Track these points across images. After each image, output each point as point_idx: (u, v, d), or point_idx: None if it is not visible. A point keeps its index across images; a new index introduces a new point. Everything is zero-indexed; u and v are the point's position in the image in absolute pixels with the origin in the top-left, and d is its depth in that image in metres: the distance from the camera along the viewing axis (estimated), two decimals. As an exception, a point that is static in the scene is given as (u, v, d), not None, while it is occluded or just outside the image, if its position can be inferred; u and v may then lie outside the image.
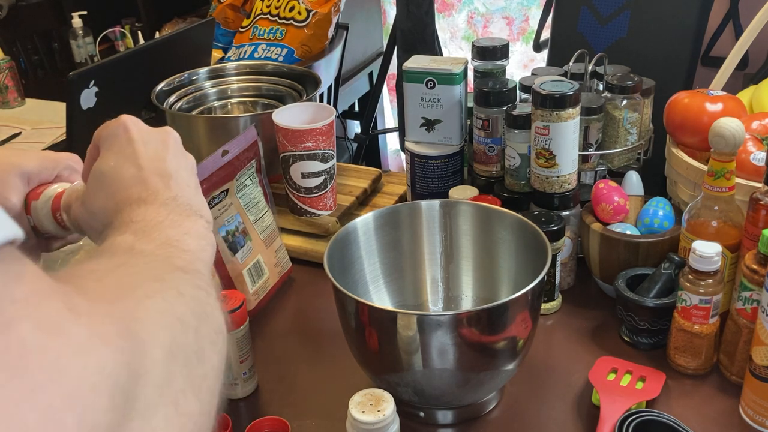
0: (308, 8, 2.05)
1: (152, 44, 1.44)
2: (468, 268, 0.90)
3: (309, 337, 0.96)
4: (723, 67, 1.05)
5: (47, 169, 0.64)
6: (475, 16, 2.83)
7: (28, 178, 0.64)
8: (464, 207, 0.89)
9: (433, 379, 0.74)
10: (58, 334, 0.27)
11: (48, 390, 0.25)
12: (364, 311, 0.74)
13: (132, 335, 0.32)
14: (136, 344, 0.31)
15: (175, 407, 0.33)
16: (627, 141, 1.00)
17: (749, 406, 0.76)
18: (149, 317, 0.34)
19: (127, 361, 0.30)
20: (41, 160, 0.64)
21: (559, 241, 0.91)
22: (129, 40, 2.52)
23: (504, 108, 1.00)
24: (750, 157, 0.89)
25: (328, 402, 0.83)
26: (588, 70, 1.04)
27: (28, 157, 0.64)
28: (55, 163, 0.65)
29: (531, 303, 0.73)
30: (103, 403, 0.28)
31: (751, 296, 0.76)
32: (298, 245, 1.09)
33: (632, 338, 0.89)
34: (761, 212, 0.78)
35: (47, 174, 0.64)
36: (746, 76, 1.74)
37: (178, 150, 0.57)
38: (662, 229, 0.92)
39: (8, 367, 0.24)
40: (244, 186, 0.97)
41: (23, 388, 0.24)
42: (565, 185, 0.94)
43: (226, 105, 1.36)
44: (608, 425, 0.74)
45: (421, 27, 1.93)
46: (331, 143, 1.08)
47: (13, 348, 0.25)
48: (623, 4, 1.65)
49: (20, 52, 2.52)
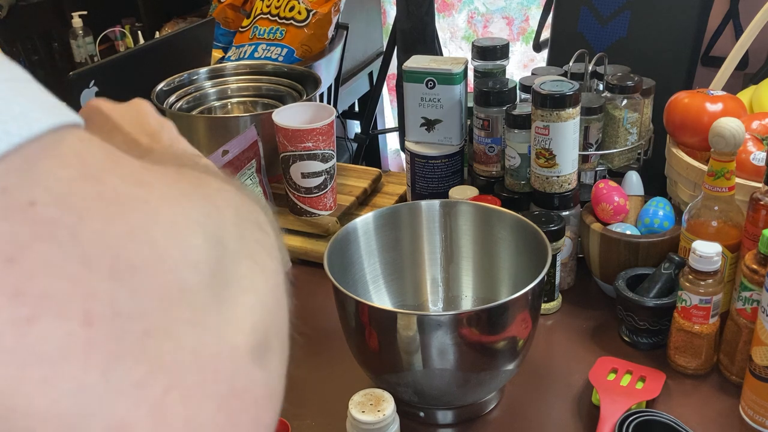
0: (308, 8, 2.05)
1: (152, 44, 1.44)
2: (468, 268, 0.90)
3: (309, 337, 0.96)
4: (723, 67, 1.05)
5: None
6: (475, 16, 2.83)
7: None
8: (464, 207, 0.89)
9: (433, 379, 0.74)
10: (143, 185, 0.28)
11: (149, 229, 0.26)
12: (364, 311, 0.74)
13: (204, 194, 0.33)
14: (209, 201, 0.32)
15: (254, 261, 0.33)
16: (627, 141, 1.00)
17: (749, 406, 0.76)
18: (210, 185, 0.35)
19: (207, 212, 0.31)
20: None
21: (559, 241, 0.91)
22: (129, 40, 2.51)
23: (504, 108, 1.00)
24: (750, 157, 0.89)
25: (328, 402, 0.83)
26: (588, 70, 1.04)
27: None
28: None
29: (531, 303, 0.73)
30: (199, 242, 0.29)
31: (751, 296, 0.76)
32: (298, 245, 1.09)
33: (632, 338, 0.89)
34: (761, 212, 0.78)
35: None
36: (746, 76, 1.74)
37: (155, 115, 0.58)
38: (662, 229, 0.92)
39: (110, 211, 0.25)
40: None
41: (126, 229, 0.25)
42: (565, 185, 0.94)
43: (226, 105, 1.35)
44: (608, 425, 0.74)
45: (421, 27, 1.93)
46: (331, 143, 1.08)
47: (107, 194, 0.26)
48: (623, 4, 1.65)
49: (20, 52, 2.52)
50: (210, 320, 0.28)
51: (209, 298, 0.28)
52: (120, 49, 2.53)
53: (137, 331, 0.24)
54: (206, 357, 0.27)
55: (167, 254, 0.27)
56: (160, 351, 0.25)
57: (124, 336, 0.24)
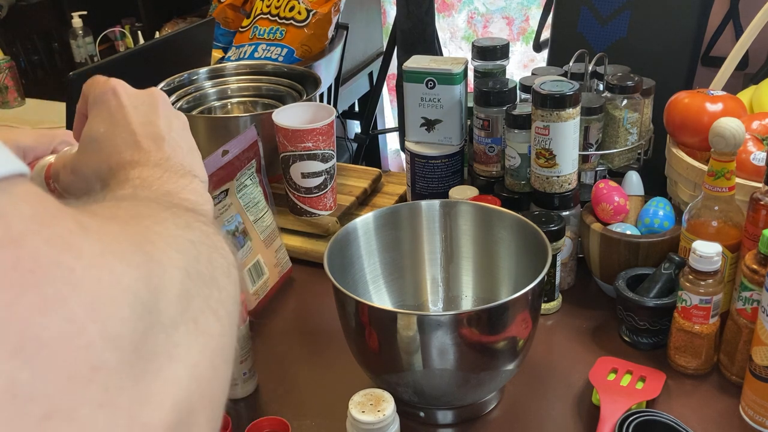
0: (308, 8, 2.05)
1: (152, 44, 1.44)
2: (468, 268, 0.90)
3: (309, 337, 0.96)
4: (723, 67, 1.05)
5: (43, 144, 0.64)
6: (475, 16, 2.83)
7: (24, 153, 0.64)
8: (464, 207, 0.89)
9: (433, 379, 0.74)
10: (70, 249, 0.26)
11: (67, 301, 0.25)
12: (364, 311, 0.74)
13: (146, 254, 0.31)
14: (151, 262, 0.31)
15: (195, 324, 0.32)
16: (627, 141, 1.00)
17: (749, 406, 0.76)
18: (162, 240, 0.33)
19: (144, 276, 0.29)
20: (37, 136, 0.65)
21: (559, 241, 0.91)
22: (129, 40, 2.51)
23: (504, 108, 1.00)
24: (750, 157, 0.89)
25: (328, 402, 0.83)
26: (588, 70, 1.04)
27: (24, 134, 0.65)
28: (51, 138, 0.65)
29: (531, 303, 0.73)
30: (125, 314, 0.27)
31: (751, 296, 0.76)
32: (298, 245, 1.09)
33: (632, 338, 0.89)
34: (761, 212, 0.78)
35: (43, 149, 0.64)
36: (746, 76, 1.74)
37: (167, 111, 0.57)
38: (662, 229, 0.92)
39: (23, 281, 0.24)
40: (244, 186, 0.97)
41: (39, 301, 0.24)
42: (565, 185, 0.94)
43: (226, 105, 1.35)
44: (608, 425, 0.74)
45: (421, 27, 1.93)
46: (331, 143, 1.08)
47: (25, 262, 0.24)
48: (623, 4, 1.65)
49: (20, 52, 2.52)
50: (123, 401, 0.26)
51: (127, 376, 0.26)
52: (120, 49, 2.53)
53: (36, 414, 0.23)
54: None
55: (84, 330, 0.25)
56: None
57: (21, 419, 0.22)
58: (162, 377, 0.28)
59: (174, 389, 0.29)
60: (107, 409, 0.25)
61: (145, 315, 0.28)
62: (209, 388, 0.32)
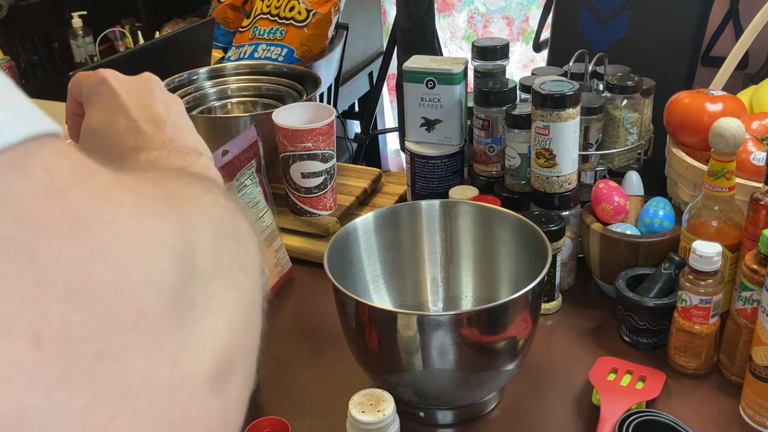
0: (308, 8, 2.05)
1: (152, 44, 1.44)
2: (468, 268, 0.90)
3: (309, 337, 0.96)
4: (723, 67, 1.05)
5: None
6: (475, 16, 2.83)
7: None
8: (464, 207, 0.89)
9: (433, 379, 0.74)
10: (110, 201, 0.27)
11: (111, 249, 0.25)
12: (364, 311, 0.74)
13: (178, 211, 0.32)
14: (183, 218, 0.31)
15: (227, 280, 0.33)
16: (627, 141, 1.00)
17: (749, 406, 0.76)
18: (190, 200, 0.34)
19: (179, 230, 0.30)
20: None
21: (559, 241, 0.91)
22: (129, 40, 2.52)
23: (504, 108, 1.00)
24: (750, 157, 0.89)
25: (328, 402, 0.83)
26: (588, 70, 1.04)
27: None
28: None
29: (531, 303, 0.73)
30: (165, 264, 0.28)
31: (751, 296, 0.76)
32: (298, 245, 1.09)
33: (632, 338, 0.89)
34: (761, 212, 0.78)
35: None
36: (746, 76, 1.74)
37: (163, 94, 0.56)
38: (662, 229, 0.92)
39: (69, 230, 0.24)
40: (244, 186, 0.97)
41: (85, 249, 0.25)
42: (565, 185, 0.94)
43: (226, 105, 1.36)
44: (608, 425, 0.74)
45: (421, 27, 1.93)
46: (331, 143, 1.08)
47: (70, 211, 0.25)
48: (623, 4, 1.65)
49: (20, 52, 2.52)
50: (167, 346, 0.27)
51: (170, 323, 0.27)
52: (120, 49, 2.53)
53: (88, 355, 0.23)
54: (159, 384, 0.26)
55: (128, 276, 0.26)
56: (111, 376, 0.24)
57: (74, 360, 0.23)
58: (201, 327, 0.29)
59: (213, 339, 0.30)
60: (154, 355, 0.26)
61: (184, 266, 0.29)
62: (243, 341, 0.33)
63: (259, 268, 0.39)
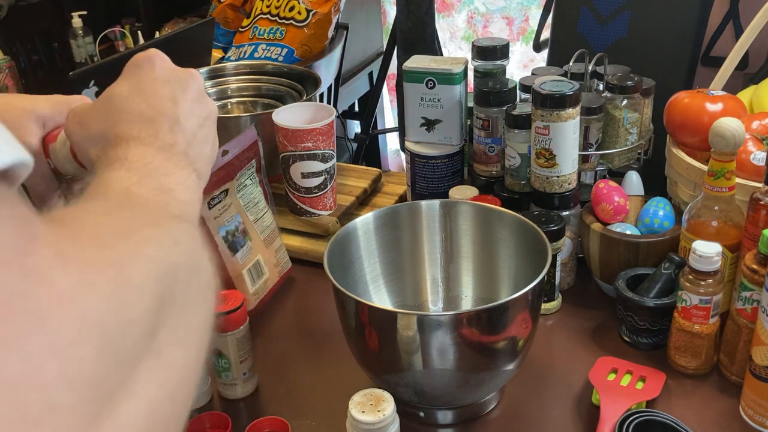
0: (308, 8, 2.05)
1: (152, 44, 1.43)
2: (468, 268, 0.90)
3: (309, 337, 0.96)
4: (723, 67, 1.05)
5: (61, 112, 0.63)
6: (475, 16, 2.83)
7: (44, 122, 0.63)
8: (464, 207, 0.89)
9: (433, 379, 0.74)
10: (41, 282, 0.26)
11: (28, 338, 0.24)
12: (364, 311, 0.74)
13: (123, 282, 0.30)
14: (126, 292, 0.30)
15: (158, 358, 0.32)
16: (627, 141, 1.00)
17: (749, 406, 0.76)
18: (143, 265, 0.33)
19: (115, 308, 0.29)
20: (54, 104, 0.64)
21: (559, 241, 0.91)
22: (129, 40, 2.51)
23: (504, 108, 1.00)
24: (750, 157, 0.89)
25: (328, 402, 0.83)
26: (588, 70, 1.04)
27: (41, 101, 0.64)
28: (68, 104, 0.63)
29: (531, 303, 0.73)
30: (88, 353, 0.27)
31: (751, 296, 0.76)
32: (298, 245, 1.09)
33: (632, 338, 0.89)
34: (761, 212, 0.78)
35: (62, 116, 0.63)
36: (746, 76, 1.74)
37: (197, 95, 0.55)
38: (662, 229, 0.92)
39: None
40: (244, 186, 0.97)
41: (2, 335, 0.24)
42: (565, 185, 0.94)
43: (226, 105, 1.35)
44: (608, 425, 0.74)
45: (421, 27, 1.93)
46: (331, 143, 1.08)
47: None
48: (623, 4, 1.65)
49: (20, 52, 2.52)
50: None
51: (81, 416, 0.26)
52: (120, 49, 2.53)
53: None
54: None
55: (41, 370, 0.24)
56: None
57: None
58: (118, 417, 0.28)
59: (129, 428, 0.29)
60: None
61: (109, 351, 0.28)
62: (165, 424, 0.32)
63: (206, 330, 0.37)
